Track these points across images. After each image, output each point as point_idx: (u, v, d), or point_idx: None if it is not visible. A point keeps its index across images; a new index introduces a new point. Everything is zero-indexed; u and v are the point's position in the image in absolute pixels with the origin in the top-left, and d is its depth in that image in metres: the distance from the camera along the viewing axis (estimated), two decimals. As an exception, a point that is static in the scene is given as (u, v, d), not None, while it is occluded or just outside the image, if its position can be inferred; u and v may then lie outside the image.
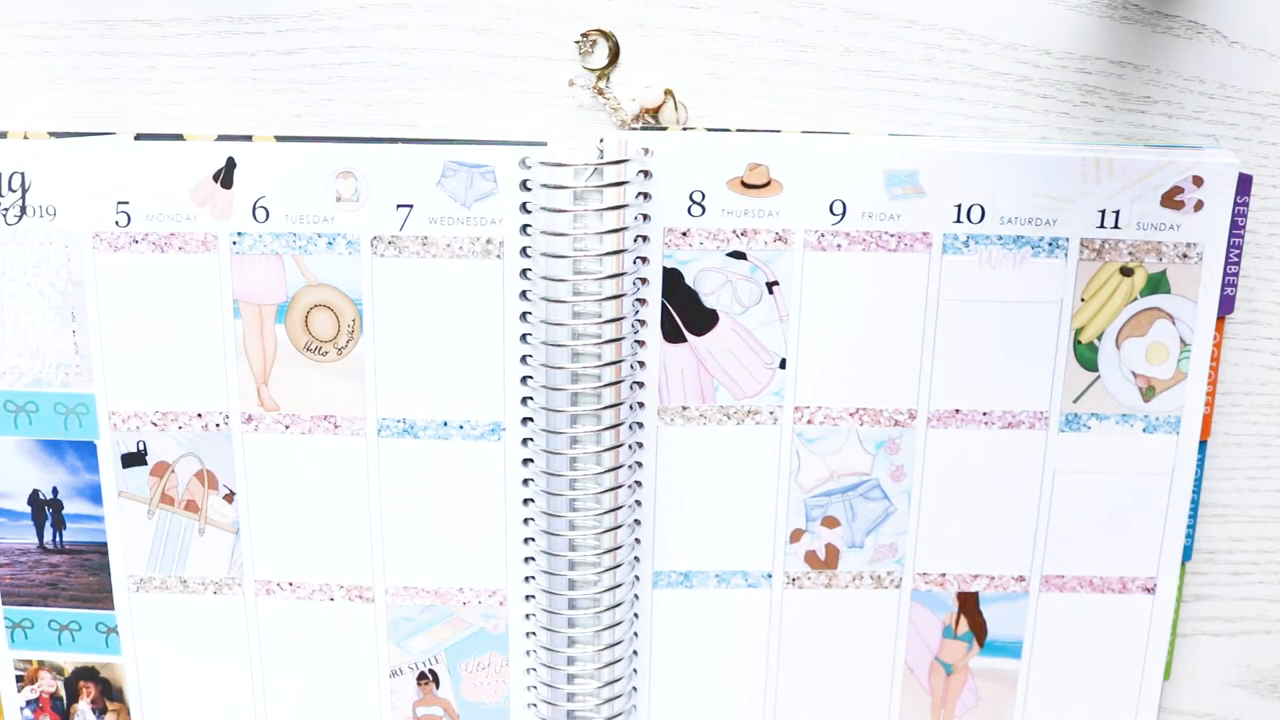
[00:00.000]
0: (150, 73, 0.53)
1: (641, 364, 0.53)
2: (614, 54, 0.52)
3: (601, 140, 0.51)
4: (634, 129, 0.52)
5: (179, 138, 0.52)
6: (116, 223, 0.53)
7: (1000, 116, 0.52)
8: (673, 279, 0.53)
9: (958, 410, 0.54)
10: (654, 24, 0.51)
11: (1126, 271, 0.52)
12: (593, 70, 0.52)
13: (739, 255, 0.52)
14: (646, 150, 0.51)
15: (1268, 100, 0.52)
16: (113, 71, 0.53)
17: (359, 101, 0.53)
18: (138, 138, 0.52)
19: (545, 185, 0.51)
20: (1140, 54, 0.51)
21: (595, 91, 0.52)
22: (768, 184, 0.52)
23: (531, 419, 0.54)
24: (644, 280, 0.52)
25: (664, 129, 0.52)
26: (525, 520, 0.55)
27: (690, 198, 0.51)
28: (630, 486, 0.54)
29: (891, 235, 0.52)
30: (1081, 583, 0.55)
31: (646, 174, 0.51)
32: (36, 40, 0.52)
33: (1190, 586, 0.56)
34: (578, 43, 0.52)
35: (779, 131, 0.52)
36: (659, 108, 0.52)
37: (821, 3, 0.51)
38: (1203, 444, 0.54)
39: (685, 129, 0.52)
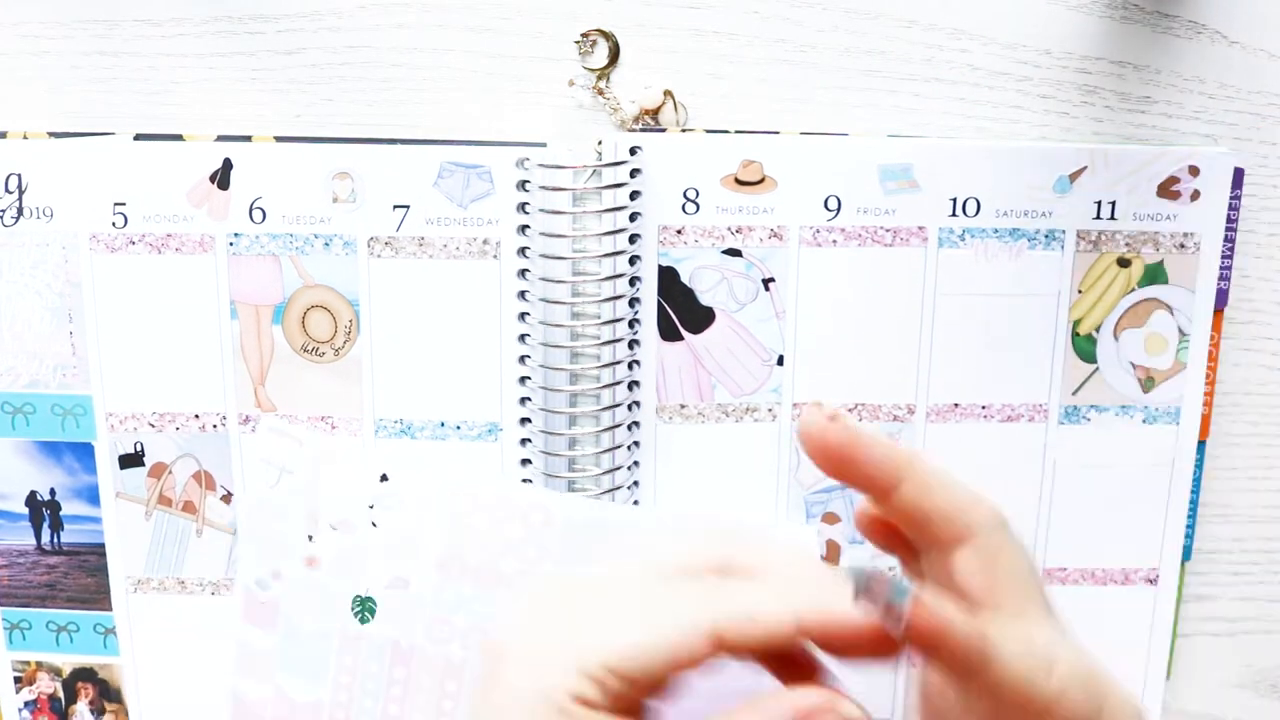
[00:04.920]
0: (150, 73, 0.53)
1: (638, 363, 0.53)
2: (614, 54, 0.52)
3: (600, 142, 0.51)
4: (634, 130, 0.52)
5: (178, 138, 0.52)
6: (113, 224, 0.53)
7: (1000, 116, 0.52)
8: (668, 277, 0.52)
9: (956, 404, 0.54)
10: (654, 24, 0.51)
11: (1124, 262, 0.52)
12: (593, 70, 0.52)
13: (734, 252, 0.52)
14: (638, 149, 0.51)
15: (1268, 100, 0.52)
16: (113, 71, 0.53)
17: (359, 102, 0.53)
18: (137, 138, 0.52)
19: (543, 187, 0.51)
20: (1140, 54, 0.51)
21: (595, 91, 0.52)
22: (761, 180, 0.52)
23: (529, 419, 0.54)
24: (639, 279, 0.52)
25: (664, 130, 0.52)
26: (523, 521, 0.55)
27: (684, 195, 0.51)
28: (629, 486, 0.54)
29: (887, 230, 0.52)
30: (1084, 575, 0.55)
31: (639, 172, 0.51)
32: (36, 40, 0.53)
33: (1190, 586, 0.56)
34: (578, 43, 0.52)
35: (778, 133, 0.52)
36: (659, 108, 0.52)
37: (821, 3, 0.51)
38: (1202, 444, 0.54)
39: (685, 130, 0.52)
